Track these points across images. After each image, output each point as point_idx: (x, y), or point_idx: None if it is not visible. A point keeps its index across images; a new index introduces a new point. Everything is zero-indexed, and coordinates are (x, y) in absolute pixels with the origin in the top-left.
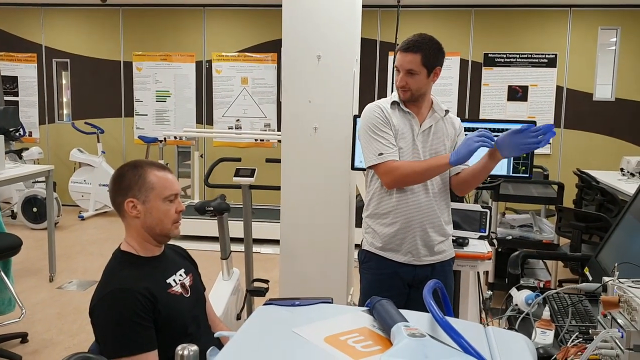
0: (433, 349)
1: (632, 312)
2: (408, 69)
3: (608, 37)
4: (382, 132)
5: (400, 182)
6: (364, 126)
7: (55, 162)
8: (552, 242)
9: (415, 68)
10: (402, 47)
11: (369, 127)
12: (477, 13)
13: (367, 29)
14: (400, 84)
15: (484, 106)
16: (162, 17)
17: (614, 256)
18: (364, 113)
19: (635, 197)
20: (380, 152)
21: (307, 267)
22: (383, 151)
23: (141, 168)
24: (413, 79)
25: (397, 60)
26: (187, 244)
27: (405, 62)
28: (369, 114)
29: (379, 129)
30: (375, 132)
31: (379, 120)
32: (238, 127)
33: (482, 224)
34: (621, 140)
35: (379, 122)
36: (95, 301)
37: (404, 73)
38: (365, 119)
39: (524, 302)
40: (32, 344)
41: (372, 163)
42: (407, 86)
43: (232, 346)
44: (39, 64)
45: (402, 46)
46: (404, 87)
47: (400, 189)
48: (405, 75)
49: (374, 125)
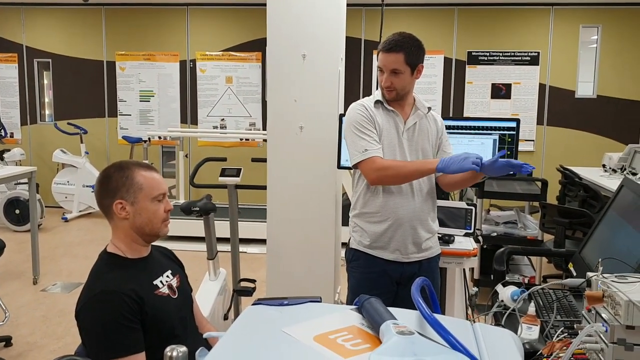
0: (421, 346)
1: (616, 307)
2: (392, 68)
3: (589, 34)
4: (366, 129)
5: (385, 181)
6: (349, 125)
7: (37, 164)
8: (536, 238)
9: (399, 67)
10: (384, 47)
11: (354, 126)
12: (461, 11)
13: (351, 27)
14: (386, 84)
15: (468, 104)
16: (145, 16)
17: (598, 252)
18: (348, 112)
19: (617, 194)
20: (365, 148)
21: (294, 266)
22: (368, 148)
23: (128, 169)
24: (398, 78)
25: (380, 60)
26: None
27: (389, 62)
28: (353, 113)
29: (364, 127)
30: (360, 130)
31: (363, 119)
32: (223, 127)
33: (467, 221)
34: (603, 136)
35: (363, 120)
36: (81, 303)
37: (388, 73)
38: (350, 118)
39: (509, 298)
40: (17, 347)
41: (357, 160)
42: (392, 86)
43: (222, 346)
44: (20, 64)
45: (384, 46)
46: (389, 87)
47: (388, 187)
48: (390, 75)
49: (359, 123)
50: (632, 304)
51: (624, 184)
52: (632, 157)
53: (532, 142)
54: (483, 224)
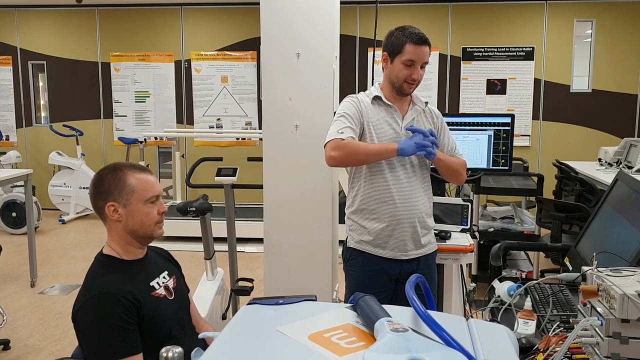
0: (416, 343)
1: (611, 300)
2: (425, 61)
3: (584, 29)
4: (349, 117)
5: (346, 158)
6: (337, 111)
7: (34, 166)
8: (533, 233)
9: (428, 60)
10: (417, 39)
11: (338, 113)
12: (455, 8)
13: (346, 25)
14: (416, 77)
15: (464, 100)
16: (139, 16)
17: (593, 246)
18: (340, 102)
19: (612, 187)
20: (341, 130)
21: (292, 264)
22: (343, 130)
23: (120, 171)
24: (423, 71)
25: (411, 53)
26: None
27: (425, 54)
28: (343, 102)
29: (347, 114)
30: (342, 115)
31: (349, 107)
32: (219, 126)
33: (463, 217)
34: (598, 130)
35: (349, 108)
36: (78, 306)
37: (419, 66)
38: (340, 106)
39: (506, 293)
40: (15, 350)
41: (329, 139)
42: (420, 78)
43: (217, 346)
44: (15, 67)
45: (415, 39)
46: (417, 80)
47: (384, 184)
48: (421, 68)
49: (344, 110)
50: (626, 297)
51: (619, 177)
52: (627, 151)
53: (528, 137)
54: (480, 220)
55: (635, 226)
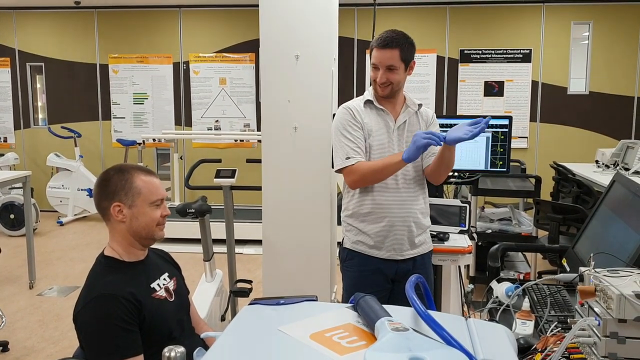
0: (416, 342)
1: (608, 301)
2: (389, 64)
3: (581, 31)
4: (350, 135)
5: (361, 182)
6: (335, 129)
7: (32, 168)
8: (530, 235)
9: (395, 63)
10: (379, 44)
11: (339, 130)
12: (453, 10)
13: (344, 27)
14: (381, 80)
15: (461, 102)
16: (137, 18)
17: (590, 247)
18: (335, 115)
19: (609, 189)
20: (347, 155)
21: (290, 266)
22: (350, 155)
23: (127, 172)
24: (393, 74)
25: (374, 57)
26: (169, 247)
27: (385, 58)
28: (338, 117)
29: (348, 132)
30: (344, 135)
31: (349, 122)
32: (217, 128)
33: (461, 219)
34: (596, 132)
35: (348, 123)
36: (79, 307)
37: (384, 69)
38: (336, 122)
39: (504, 294)
40: (14, 352)
41: (339, 167)
42: (387, 82)
43: (219, 346)
44: (13, 68)
45: (378, 43)
46: (385, 83)
47: (378, 187)
48: (386, 72)
49: (343, 127)
50: (623, 297)
51: (616, 179)
52: (624, 153)
53: (525, 139)
54: (478, 221)
55: (632, 227)
